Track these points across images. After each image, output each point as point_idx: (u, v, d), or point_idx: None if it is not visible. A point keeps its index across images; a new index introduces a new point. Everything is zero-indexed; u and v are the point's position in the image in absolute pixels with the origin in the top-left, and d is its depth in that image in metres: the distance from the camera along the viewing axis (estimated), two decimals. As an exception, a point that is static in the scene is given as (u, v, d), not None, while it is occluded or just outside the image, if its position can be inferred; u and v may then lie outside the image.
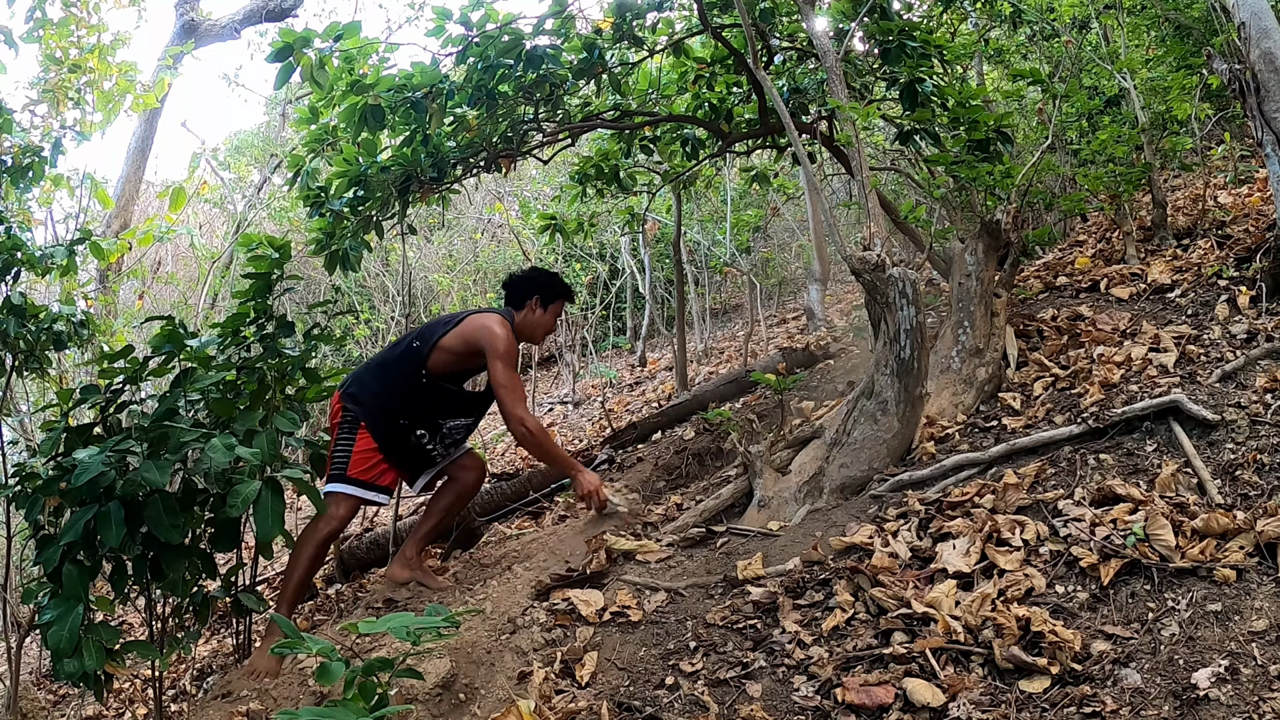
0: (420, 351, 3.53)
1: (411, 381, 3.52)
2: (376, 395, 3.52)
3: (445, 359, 3.54)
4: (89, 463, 2.75)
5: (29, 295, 3.99)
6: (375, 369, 3.62)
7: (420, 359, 3.52)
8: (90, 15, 5.44)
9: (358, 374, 3.64)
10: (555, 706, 2.49)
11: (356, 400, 3.53)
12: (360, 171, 4.39)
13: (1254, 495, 2.74)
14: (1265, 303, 3.77)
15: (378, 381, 3.55)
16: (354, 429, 3.50)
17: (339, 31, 3.99)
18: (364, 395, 3.54)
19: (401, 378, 3.53)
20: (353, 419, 3.51)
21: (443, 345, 3.53)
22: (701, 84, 5.22)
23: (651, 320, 9.95)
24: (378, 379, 3.56)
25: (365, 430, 3.49)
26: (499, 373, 3.43)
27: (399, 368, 3.55)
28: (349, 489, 3.46)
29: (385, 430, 3.51)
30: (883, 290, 3.55)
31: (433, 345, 3.53)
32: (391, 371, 3.55)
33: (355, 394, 3.54)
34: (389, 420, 3.52)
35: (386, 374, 3.56)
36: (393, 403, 3.51)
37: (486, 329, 3.50)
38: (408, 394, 3.52)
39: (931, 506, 3.12)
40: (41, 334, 3.77)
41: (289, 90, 9.78)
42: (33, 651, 4.85)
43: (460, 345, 3.53)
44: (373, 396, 3.52)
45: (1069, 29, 6.13)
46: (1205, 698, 2.13)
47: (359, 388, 3.56)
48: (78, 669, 2.76)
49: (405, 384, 3.52)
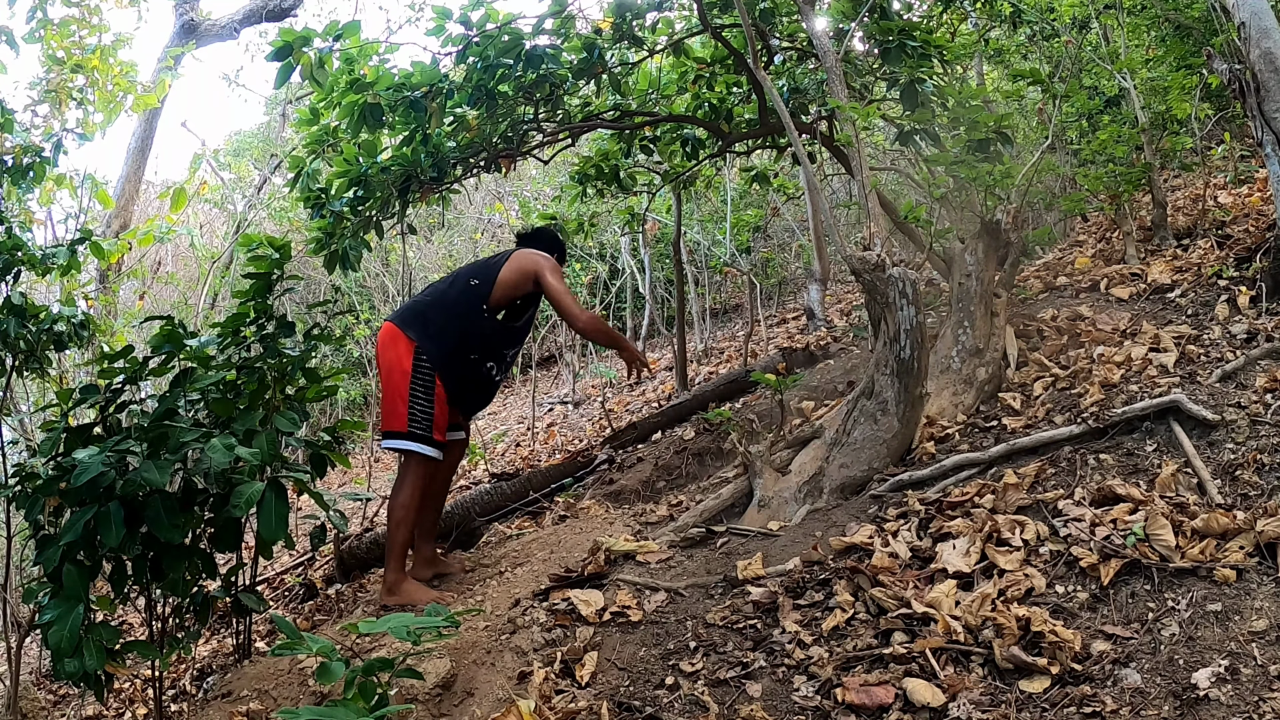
0: (481, 289, 3.65)
1: (478, 317, 3.63)
2: (446, 334, 3.58)
3: (503, 293, 3.67)
4: (89, 463, 2.75)
5: (29, 295, 3.99)
6: (438, 309, 3.65)
7: (483, 295, 3.64)
8: (91, 16, 5.44)
9: (420, 315, 3.65)
10: (555, 706, 2.49)
11: (431, 343, 3.56)
12: (360, 172, 4.40)
13: (1254, 495, 2.74)
14: (1265, 303, 3.77)
15: (446, 320, 3.61)
16: (432, 381, 3.54)
17: (338, 31, 4.00)
18: (436, 337, 3.58)
19: (470, 315, 3.63)
20: (429, 370, 3.54)
21: (502, 280, 3.66)
22: (701, 84, 5.22)
23: (651, 320, 9.95)
24: (445, 318, 3.62)
25: (439, 381, 3.54)
26: (553, 286, 3.64)
27: (463, 306, 3.64)
28: (432, 451, 3.54)
29: (460, 371, 3.60)
30: (883, 290, 3.55)
31: (493, 281, 3.66)
32: (456, 310, 3.63)
33: (428, 337, 3.57)
34: (463, 359, 3.61)
35: (451, 313, 3.63)
36: (464, 340, 3.61)
37: (533, 256, 3.74)
38: (477, 330, 3.63)
39: (931, 506, 3.12)
40: (42, 334, 3.77)
41: (289, 90, 9.79)
42: (33, 651, 4.85)
43: (517, 276, 3.67)
44: (443, 336, 3.58)
45: (1069, 29, 6.13)
46: (1205, 698, 2.13)
47: (428, 330, 3.59)
48: (78, 669, 2.76)
49: (474, 320, 3.63)
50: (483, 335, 3.66)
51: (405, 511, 3.50)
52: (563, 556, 3.51)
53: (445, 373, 3.55)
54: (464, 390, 3.66)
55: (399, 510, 3.50)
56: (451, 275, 3.87)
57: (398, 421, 3.52)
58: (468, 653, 2.81)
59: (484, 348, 3.67)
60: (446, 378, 3.56)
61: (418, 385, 3.53)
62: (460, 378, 3.61)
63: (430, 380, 3.53)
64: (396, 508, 3.51)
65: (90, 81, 5.28)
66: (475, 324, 3.62)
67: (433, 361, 3.53)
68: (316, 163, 4.58)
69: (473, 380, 3.68)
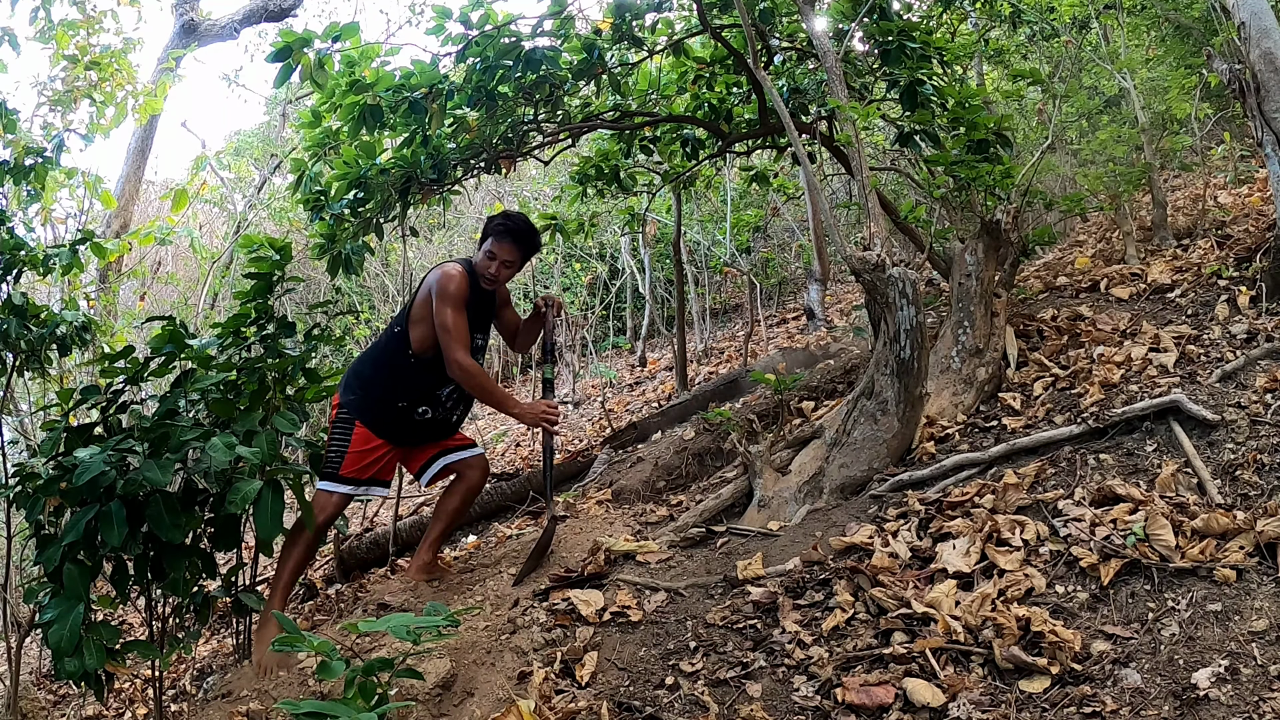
0: (402, 335, 3.49)
1: (401, 365, 3.49)
2: (371, 385, 3.50)
3: (422, 332, 3.46)
4: (90, 462, 2.75)
5: (30, 295, 3.99)
6: (369, 361, 3.61)
7: (404, 341, 3.48)
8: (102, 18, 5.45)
9: (354, 368, 3.64)
10: (555, 706, 2.49)
11: (352, 395, 3.52)
12: (360, 173, 4.40)
13: (1254, 495, 2.75)
14: (1265, 303, 3.77)
15: (372, 370, 3.54)
16: (349, 426, 3.48)
17: (337, 32, 4.00)
18: (359, 388, 3.52)
19: (391, 364, 3.51)
20: (347, 416, 3.49)
21: (412, 319, 3.47)
22: (701, 84, 5.22)
23: (651, 320, 9.96)
24: (374, 369, 3.54)
25: (361, 426, 3.46)
26: (436, 310, 3.36)
27: (387, 355, 3.52)
28: (339, 487, 3.45)
29: (387, 418, 3.48)
30: (883, 290, 3.55)
31: (407, 322, 3.49)
32: (383, 360, 3.54)
33: (351, 389, 3.54)
34: (388, 407, 3.49)
35: (379, 363, 3.54)
36: (390, 391, 3.49)
37: (436, 278, 3.43)
38: (400, 378, 3.48)
39: (931, 506, 3.12)
40: (43, 335, 3.77)
41: (289, 90, 9.78)
42: (33, 651, 4.85)
43: (423, 310, 3.45)
44: (366, 387, 3.50)
45: (1069, 29, 6.13)
46: (1205, 698, 2.14)
47: (354, 382, 3.56)
48: (78, 668, 2.76)
49: (396, 369, 3.49)
50: (408, 382, 3.49)
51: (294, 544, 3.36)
52: (563, 556, 3.51)
53: (369, 419, 3.46)
54: (401, 433, 3.53)
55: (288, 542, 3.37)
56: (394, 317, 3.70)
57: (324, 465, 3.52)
58: (468, 653, 2.81)
59: (412, 395, 3.50)
60: (372, 424, 3.46)
61: (337, 429, 3.48)
62: (389, 424, 3.49)
63: (348, 423, 3.46)
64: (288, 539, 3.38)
65: (103, 78, 5.29)
66: (400, 373, 3.47)
67: (350, 409, 3.47)
68: (318, 165, 4.58)
69: (407, 425, 3.53)
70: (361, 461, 3.47)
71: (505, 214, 3.59)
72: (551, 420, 3.51)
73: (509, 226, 3.49)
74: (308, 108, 4.51)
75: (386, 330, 3.63)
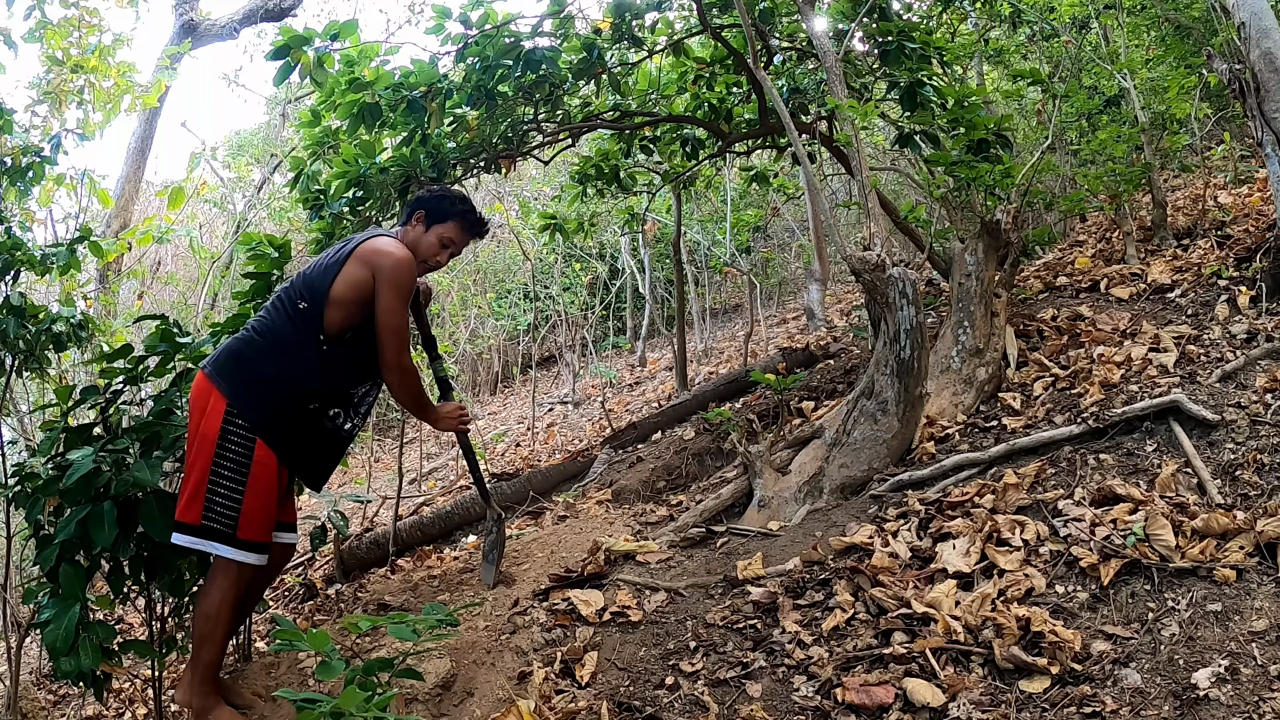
0: (310, 313, 2.69)
1: (308, 353, 2.69)
2: (269, 379, 2.66)
3: (343, 314, 2.70)
4: (80, 462, 2.75)
5: (28, 295, 3.99)
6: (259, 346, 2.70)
7: (316, 321, 2.68)
8: (90, 17, 5.44)
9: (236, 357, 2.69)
10: (555, 706, 2.49)
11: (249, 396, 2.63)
12: (359, 172, 4.39)
13: (1254, 495, 2.74)
14: (1265, 303, 3.77)
15: (268, 358, 2.67)
16: (247, 451, 2.61)
17: (336, 30, 4.00)
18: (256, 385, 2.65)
19: (296, 351, 2.69)
20: (245, 435, 2.61)
21: (336, 297, 2.69)
22: (701, 84, 5.22)
23: (651, 320, 9.96)
24: (266, 356, 2.68)
25: (264, 446, 2.62)
26: (385, 305, 2.68)
27: (295, 340, 2.69)
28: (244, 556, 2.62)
29: (293, 426, 2.70)
30: (883, 290, 3.55)
31: (325, 298, 2.69)
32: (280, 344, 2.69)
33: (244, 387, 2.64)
34: (297, 411, 2.71)
35: (275, 349, 2.69)
36: (295, 386, 2.70)
37: (378, 252, 2.70)
38: (307, 369, 2.69)
39: (931, 506, 3.12)
40: (41, 334, 3.76)
41: (289, 90, 9.78)
42: (33, 651, 4.84)
43: (354, 291, 2.69)
44: (265, 385, 2.65)
45: (1069, 29, 6.13)
46: (1205, 698, 2.13)
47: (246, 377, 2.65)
48: (74, 667, 2.75)
49: (301, 359, 2.69)
50: (320, 375, 2.71)
51: (211, 625, 2.64)
52: (563, 556, 3.51)
53: (271, 435, 2.63)
54: (305, 454, 2.77)
55: (203, 623, 2.65)
56: (280, 289, 2.84)
57: (192, 509, 2.59)
58: (468, 653, 2.81)
59: (325, 392, 2.74)
60: (275, 441, 2.63)
61: (224, 459, 2.59)
62: (294, 437, 2.70)
63: (246, 451, 2.60)
64: (199, 619, 2.67)
65: (89, 81, 5.27)
66: (307, 363, 2.68)
67: (251, 423, 2.61)
68: (317, 164, 4.58)
69: (314, 438, 2.78)
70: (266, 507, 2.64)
71: (466, 199, 3.05)
72: (466, 422, 3.15)
73: (480, 219, 3.04)
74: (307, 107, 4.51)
75: (282, 306, 2.75)
